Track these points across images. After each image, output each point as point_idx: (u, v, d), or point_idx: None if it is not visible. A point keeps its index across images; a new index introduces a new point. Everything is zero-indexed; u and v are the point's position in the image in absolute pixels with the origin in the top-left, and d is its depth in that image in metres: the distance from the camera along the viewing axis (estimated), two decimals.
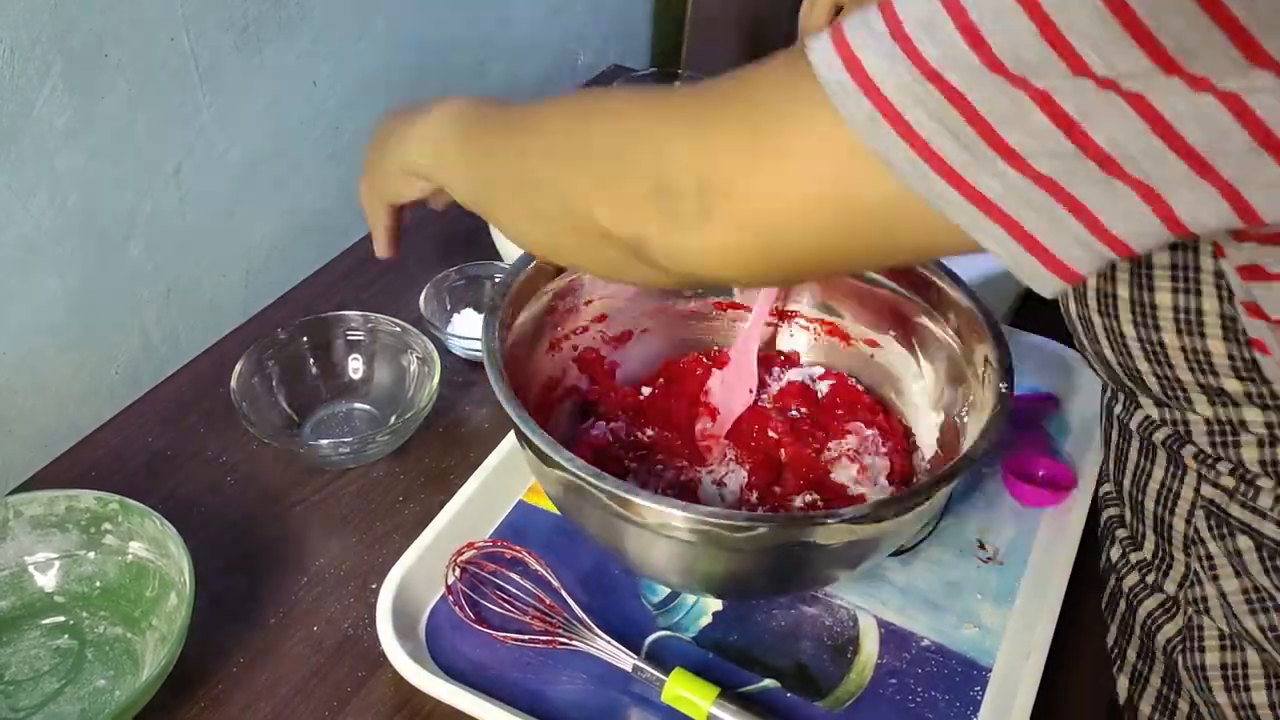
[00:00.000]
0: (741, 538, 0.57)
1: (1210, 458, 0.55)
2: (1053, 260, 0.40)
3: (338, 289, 0.99)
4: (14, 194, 0.74)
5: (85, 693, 0.65)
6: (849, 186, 0.41)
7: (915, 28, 0.37)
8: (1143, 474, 0.61)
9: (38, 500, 0.69)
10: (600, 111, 0.52)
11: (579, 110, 0.54)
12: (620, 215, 0.49)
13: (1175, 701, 0.63)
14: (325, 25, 0.95)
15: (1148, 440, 0.60)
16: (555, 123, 0.55)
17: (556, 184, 0.53)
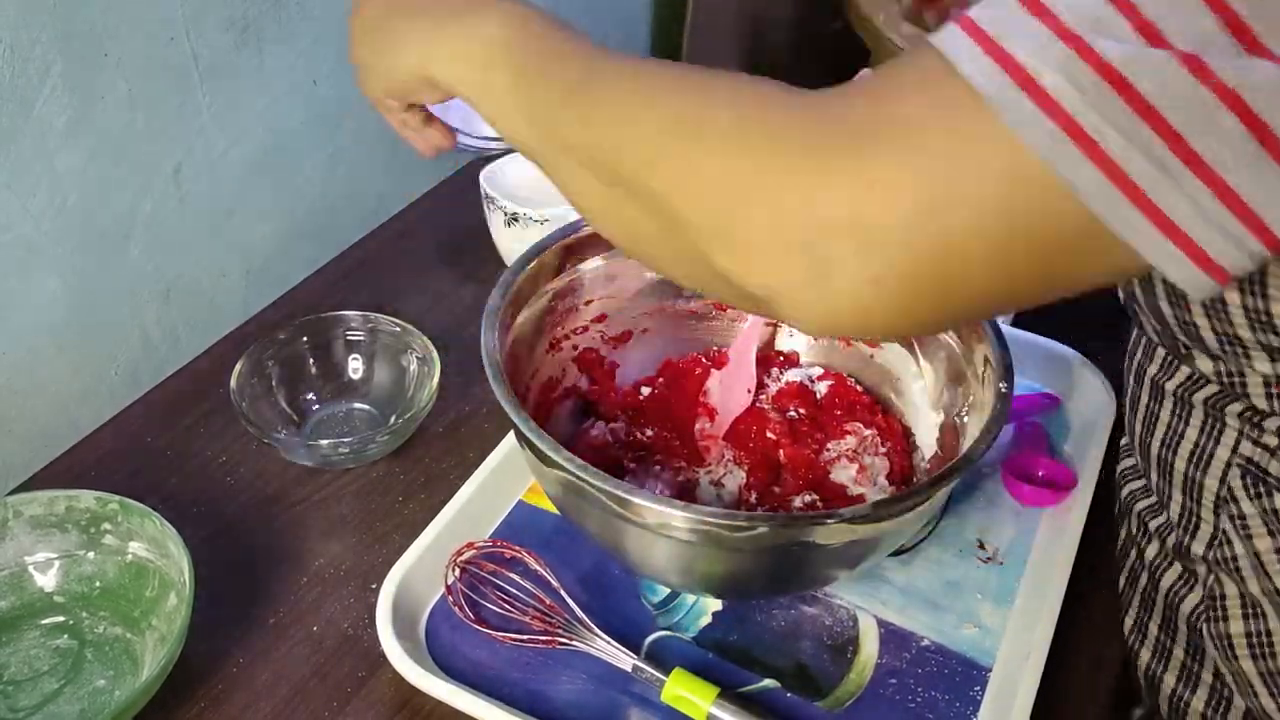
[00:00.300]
0: (741, 537, 0.57)
1: (1259, 415, 0.55)
2: (1216, 268, 0.36)
3: (338, 289, 0.99)
4: (14, 194, 0.74)
5: (85, 693, 0.65)
6: (1029, 217, 0.36)
7: (1084, 27, 0.34)
8: (1174, 435, 0.61)
9: (37, 500, 0.69)
10: (708, 128, 0.43)
11: (674, 113, 0.44)
12: (750, 268, 0.41)
13: (1199, 672, 0.64)
14: (325, 25, 0.95)
15: (1184, 401, 0.59)
16: (647, 122, 0.45)
17: (657, 204, 0.44)
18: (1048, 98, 0.34)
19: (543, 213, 0.92)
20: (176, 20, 0.81)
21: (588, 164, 0.48)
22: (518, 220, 0.93)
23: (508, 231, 0.95)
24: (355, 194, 1.08)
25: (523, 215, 0.93)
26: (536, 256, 0.72)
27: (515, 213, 0.93)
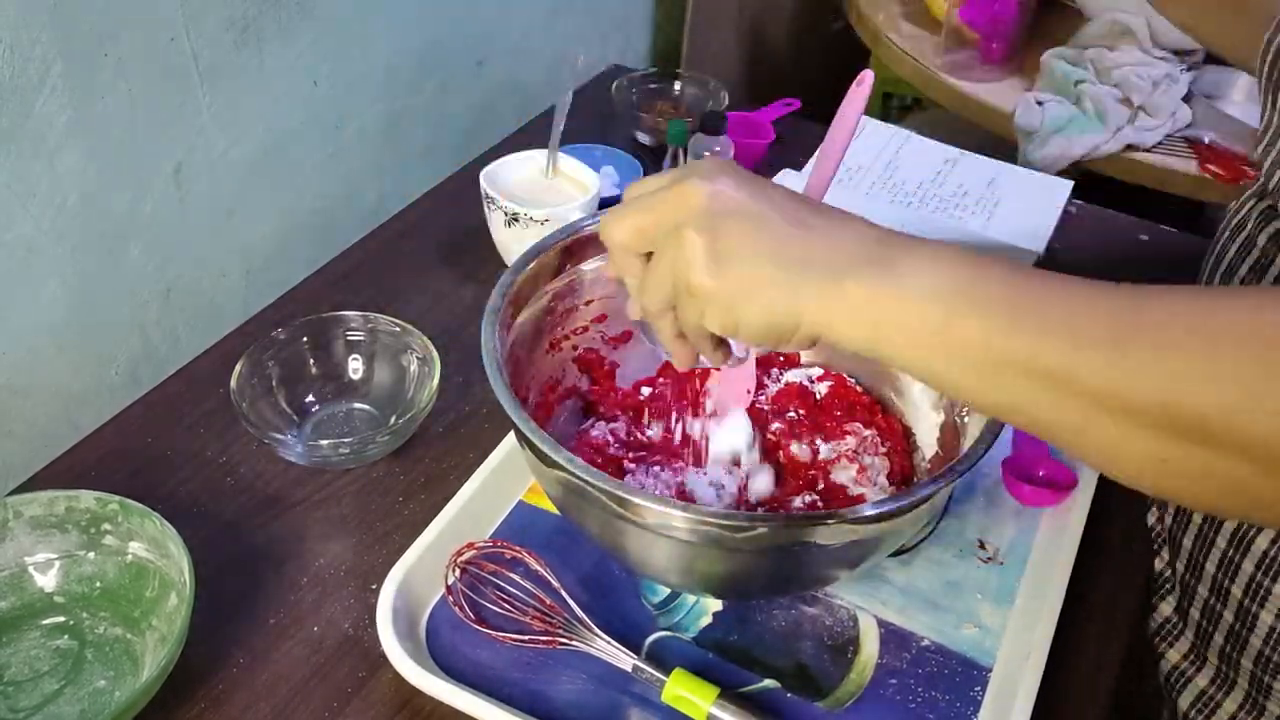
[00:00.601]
0: (741, 538, 0.57)
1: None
2: None
3: (338, 289, 0.99)
4: (14, 194, 0.74)
5: (85, 693, 0.65)
6: None
7: None
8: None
9: (38, 501, 0.69)
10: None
11: (1249, 346, 0.40)
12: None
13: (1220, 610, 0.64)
14: (325, 25, 0.95)
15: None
16: (1226, 361, 0.40)
17: (1255, 449, 0.40)
18: None
19: (543, 213, 0.92)
20: (176, 20, 0.81)
21: (1137, 418, 0.42)
22: (518, 220, 0.93)
23: (508, 231, 0.95)
24: (355, 194, 1.08)
25: (523, 215, 0.93)
26: (536, 256, 0.72)
27: (515, 213, 0.93)
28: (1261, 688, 0.66)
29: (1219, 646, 0.68)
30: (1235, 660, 0.67)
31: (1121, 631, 0.74)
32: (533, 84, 1.32)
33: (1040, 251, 1.03)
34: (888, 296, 0.45)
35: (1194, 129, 1.37)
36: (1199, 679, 0.70)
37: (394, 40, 1.05)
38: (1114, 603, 0.75)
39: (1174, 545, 0.72)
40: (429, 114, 1.15)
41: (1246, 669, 0.66)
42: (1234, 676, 0.68)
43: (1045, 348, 0.43)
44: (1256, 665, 0.66)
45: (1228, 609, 0.67)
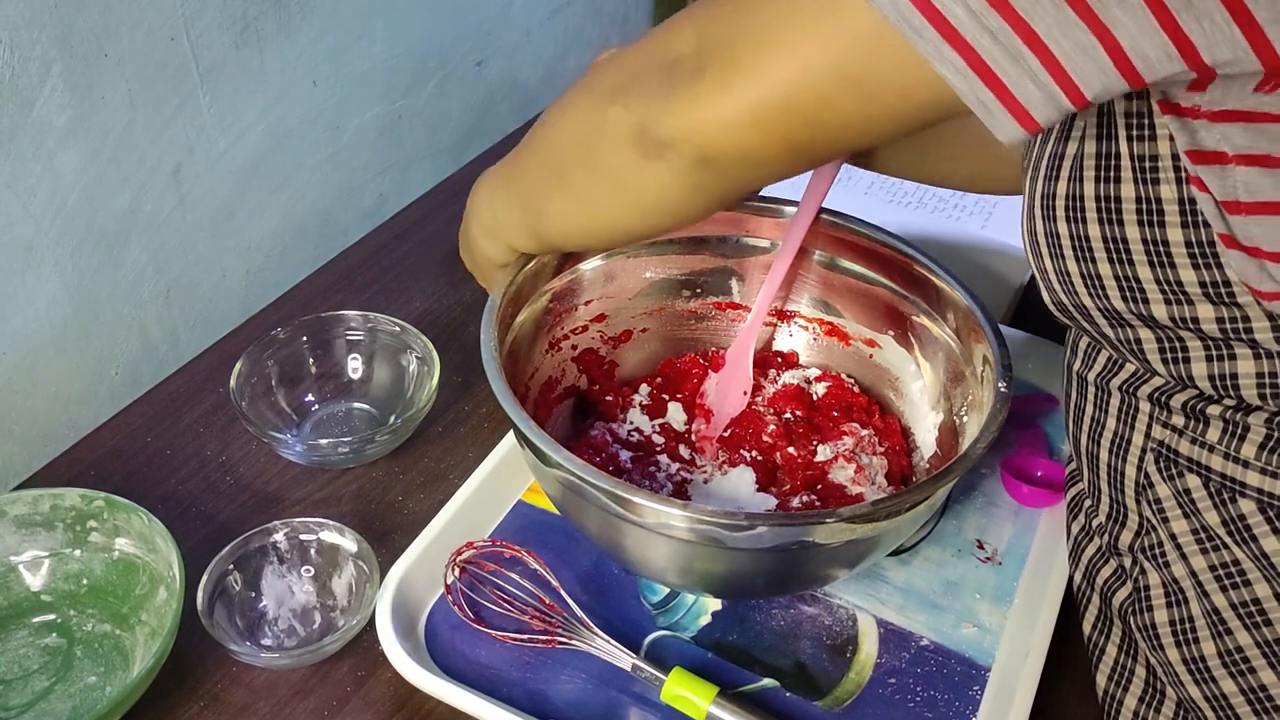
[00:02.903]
0: (741, 537, 0.57)
1: (1164, 392, 0.56)
2: (1010, 98, 0.41)
3: (337, 289, 0.99)
4: (14, 194, 0.74)
5: (75, 690, 0.66)
6: (827, 21, 0.44)
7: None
8: (1098, 426, 0.62)
9: (21, 499, 0.69)
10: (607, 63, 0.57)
11: (600, 88, 0.57)
12: (629, 101, 0.52)
13: (1132, 667, 0.64)
14: (325, 25, 0.96)
15: (1104, 389, 0.61)
16: (564, 100, 0.60)
17: (578, 133, 0.57)
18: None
19: None
20: (176, 20, 0.81)
21: (554, 174, 0.62)
22: None
23: None
24: (355, 194, 1.08)
25: None
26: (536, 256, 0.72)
27: None
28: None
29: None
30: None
31: None
32: (533, 84, 1.32)
33: None
34: (475, 204, 0.73)
35: None
36: (1099, 678, 0.70)
37: (394, 40, 1.05)
38: None
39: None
40: (429, 114, 1.15)
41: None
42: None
43: (516, 171, 0.69)
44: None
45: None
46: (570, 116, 0.59)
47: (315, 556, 0.72)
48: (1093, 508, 0.66)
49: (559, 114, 0.61)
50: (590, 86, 0.58)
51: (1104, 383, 0.61)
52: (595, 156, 0.57)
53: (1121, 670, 0.65)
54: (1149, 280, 0.50)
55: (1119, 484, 0.62)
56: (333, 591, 0.71)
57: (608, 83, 0.55)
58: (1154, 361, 0.55)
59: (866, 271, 0.77)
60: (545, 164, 0.63)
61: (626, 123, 0.53)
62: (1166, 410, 0.57)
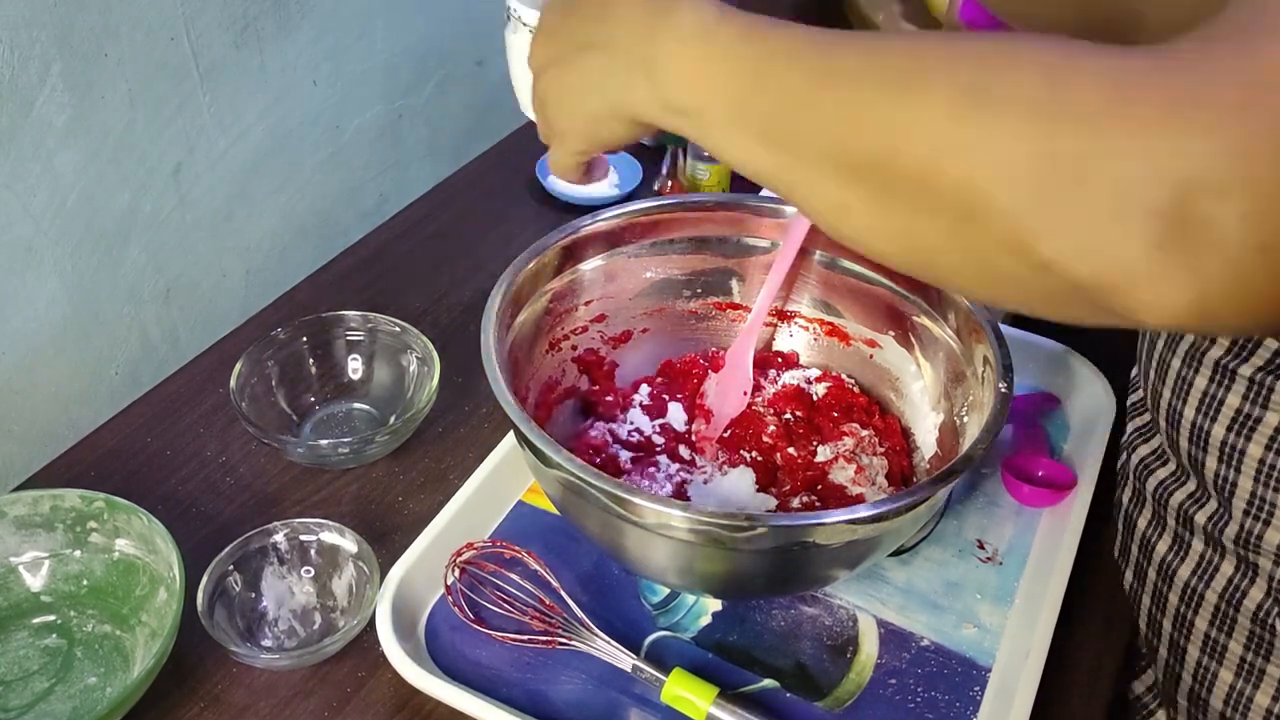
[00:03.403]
0: (741, 538, 0.57)
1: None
2: None
3: (337, 289, 0.99)
4: (14, 194, 0.74)
5: (76, 690, 0.66)
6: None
7: None
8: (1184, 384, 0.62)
9: (21, 500, 0.69)
10: (1010, 93, 0.36)
11: (963, 86, 0.37)
12: (1086, 248, 0.34)
13: (1264, 668, 0.64)
14: (325, 25, 0.96)
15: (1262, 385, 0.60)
16: (924, 106, 0.38)
17: (948, 198, 0.38)
18: None
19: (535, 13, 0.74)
20: (176, 20, 0.81)
21: (845, 171, 0.41)
22: (509, 20, 0.76)
23: (515, 38, 0.78)
24: (355, 194, 1.09)
25: (514, 14, 0.74)
26: (536, 256, 0.72)
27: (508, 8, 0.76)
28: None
29: (1184, 709, 0.68)
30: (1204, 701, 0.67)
31: (1121, 631, 0.74)
32: None
33: None
34: (672, 54, 0.46)
35: None
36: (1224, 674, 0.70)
37: (394, 40, 1.05)
38: (1113, 602, 0.75)
39: (1137, 605, 0.72)
40: (429, 114, 1.15)
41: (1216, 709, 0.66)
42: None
43: (764, 111, 0.43)
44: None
45: (1185, 670, 0.67)
46: (947, 166, 0.37)
47: (315, 557, 0.72)
48: (1197, 495, 0.66)
49: (916, 128, 0.38)
50: (992, 159, 0.36)
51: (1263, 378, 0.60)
52: (966, 238, 0.38)
53: (1250, 670, 0.65)
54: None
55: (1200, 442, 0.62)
56: (333, 592, 0.71)
57: (1032, 179, 0.35)
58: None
59: (867, 271, 0.77)
60: (859, 156, 0.41)
61: (1071, 272, 0.35)
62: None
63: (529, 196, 1.12)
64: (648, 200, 0.78)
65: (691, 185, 1.07)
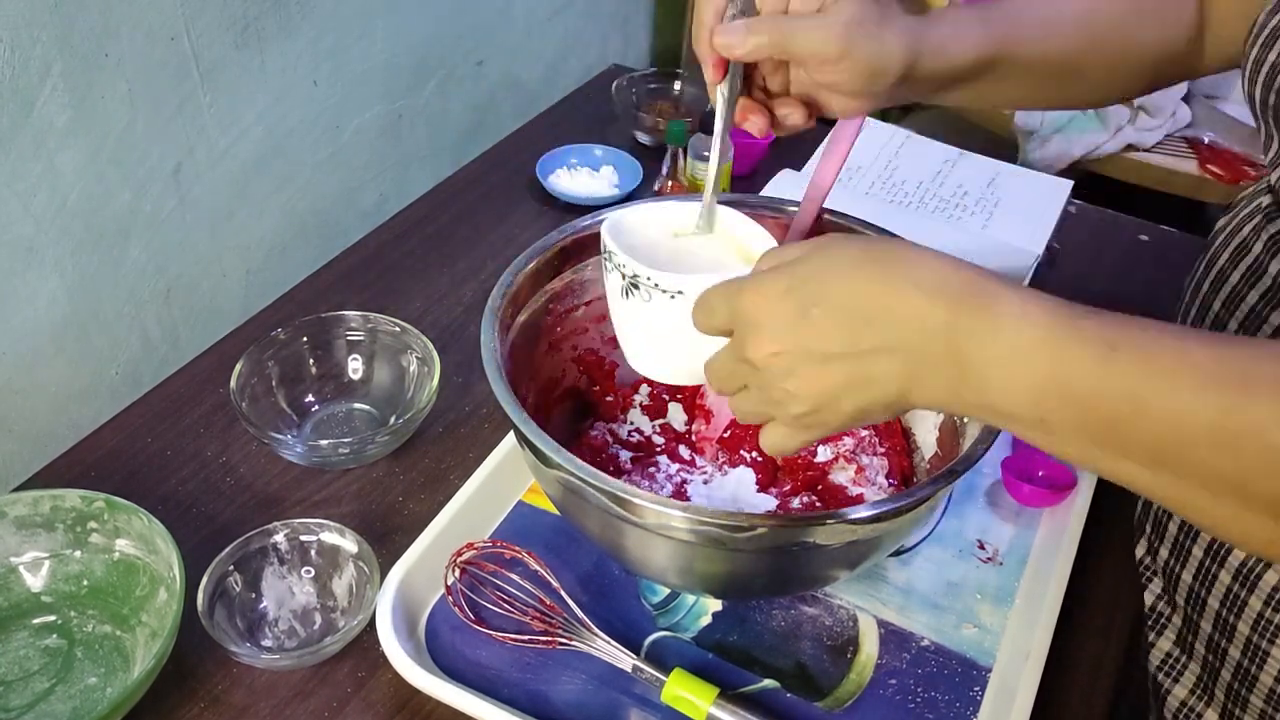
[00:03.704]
0: (741, 538, 0.57)
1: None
2: None
3: (337, 289, 0.99)
4: (14, 194, 0.74)
5: (76, 691, 0.66)
6: None
7: None
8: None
9: (22, 501, 0.69)
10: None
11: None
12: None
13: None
14: (325, 25, 0.96)
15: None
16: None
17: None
18: None
19: (676, 281, 0.57)
20: (176, 20, 0.81)
21: (1240, 496, 0.42)
22: (637, 288, 0.59)
23: (623, 304, 0.60)
24: (355, 194, 1.08)
25: (645, 282, 0.58)
26: (537, 256, 0.72)
27: (636, 277, 0.58)
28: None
29: (1226, 683, 0.67)
30: (1244, 698, 0.66)
31: (1121, 632, 0.74)
32: (533, 84, 1.32)
33: (1040, 251, 1.03)
34: (965, 362, 0.45)
35: (1194, 129, 1.37)
36: (1209, 714, 0.70)
37: (394, 40, 1.05)
38: (1113, 603, 0.75)
39: (1170, 579, 0.72)
40: (429, 114, 1.15)
41: (1256, 707, 0.65)
42: (1241, 715, 0.67)
43: (1108, 434, 0.43)
44: (1268, 703, 0.65)
45: (1234, 645, 0.66)
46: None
47: (315, 557, 0.72)
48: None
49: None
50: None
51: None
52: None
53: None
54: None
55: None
56: (333, 592, 0.71)
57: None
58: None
59: None
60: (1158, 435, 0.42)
61: None
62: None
63: (529, 196, 1.12)
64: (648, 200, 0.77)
65: (691, 185, 1.07)
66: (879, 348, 0.46)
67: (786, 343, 0.48)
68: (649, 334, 0.60)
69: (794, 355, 0.48)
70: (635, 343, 0.62)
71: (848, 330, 0.47)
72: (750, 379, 0.50)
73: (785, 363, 0.48)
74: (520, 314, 0.72)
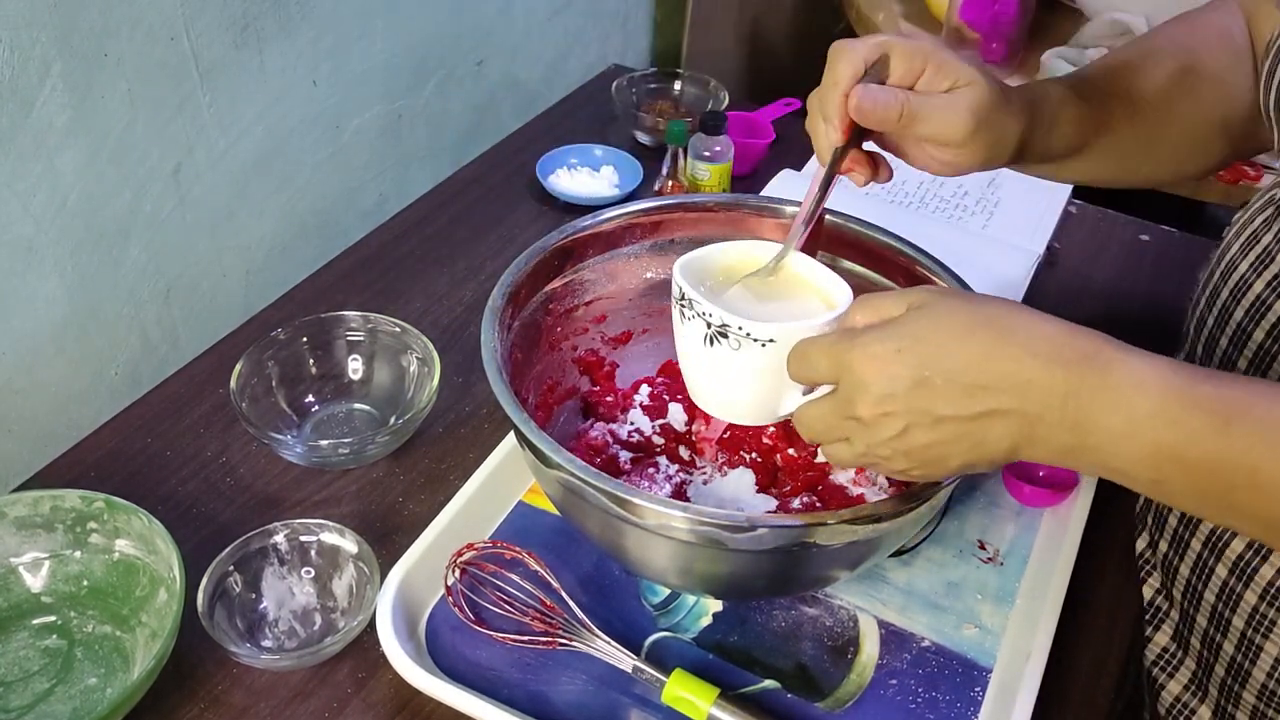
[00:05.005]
0: (741, 539, 0.57)
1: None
2: None
3: (337, 289, 0.99)
4: (14, 194, 0.74)
5: (76, 691, 0.66)
6: None
7: None
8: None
9: (22, 501, 0.69)
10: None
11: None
12: None
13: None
14: (325, 25, 0.95)
15: None
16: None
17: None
18: None
19: (769, 330, 0.56)
20: (176, 20, 0.81)
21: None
22: (725, 336, 0.57)
23: (707, 352, 0.59)
24: (355, 194, 1.08)
25: (734, 331, 0.56)
26: (537, 256, 0.72)
27: (725, 326, 0.57)
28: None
29: (1220, 678, 0.68)
30: (1236, 694, 0.66)
31: (1122, 632, 0.74)
32: (532, 84, 1.32)
33: (1040, 251, 1.03)
34: (1078, 424, 0.47)
35: None
36: (1203, 710, 0.70)
37: (394, 40, 1.05)
38: (1115, 603, 0.75)
39: (1168, 572, 0.72)
40: (429, 114, 1.15)
41: (1249, 703, 0.65)
42: (1233, 711, 0.67)
43: (1206, 488, 0.46)
44: (1260, 699, 0.65)
45: (1228, 640, 0.66)
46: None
47: (315, 558, 0.72)
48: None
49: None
50: None
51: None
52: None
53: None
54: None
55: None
56: (333, 593, 0.71)
57: None
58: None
59: (868, 272, 0.76)
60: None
61: None
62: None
63: (529, 196, 1.12)
64: (648, 200, 0.77)
65: (691, 185, 1.07)
66: (994, 411, 0.48)
67: (899, 404, 0.49)
68: (730, 380, 0.60)
69: (906, 415, 0.49)
70: (713, 388, 0.62)
71: (964, 395, 0.48)
72: (854, 433, 0.52)
73: (898, 423, 0.49)
74: (520, 314, 0.72)
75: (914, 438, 0.50)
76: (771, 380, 0.56)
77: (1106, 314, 1.00)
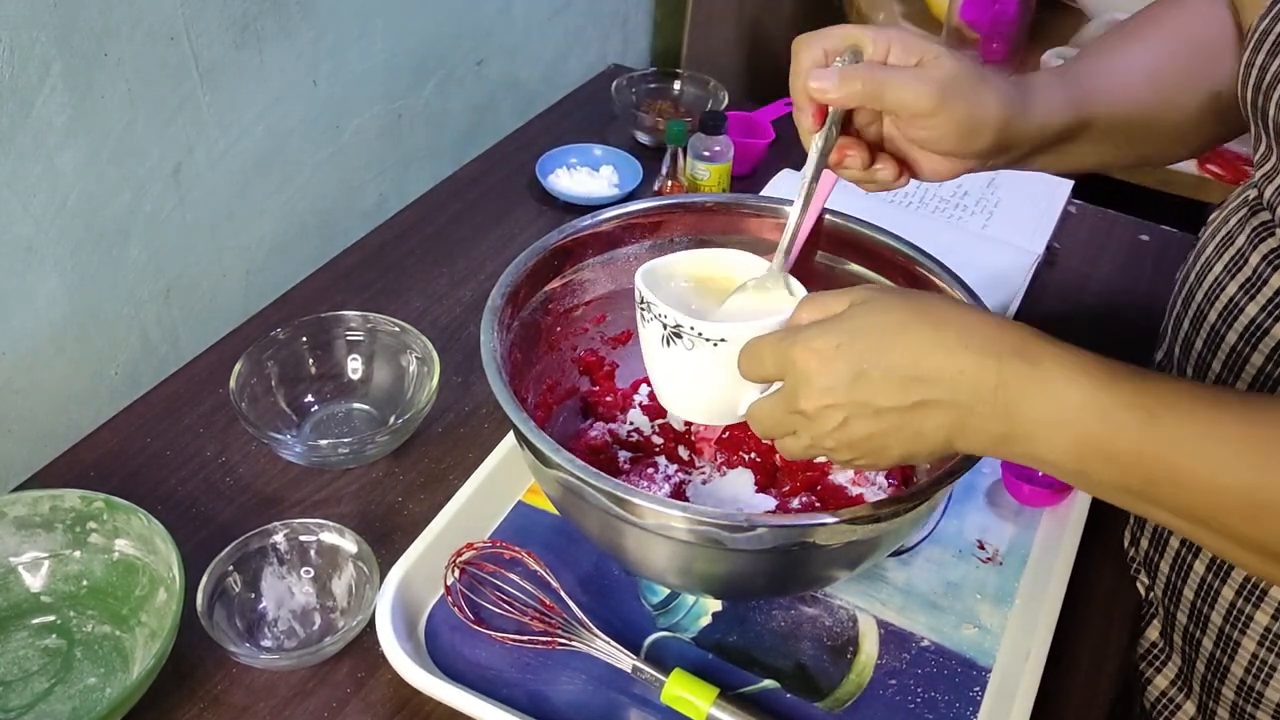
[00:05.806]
0: (741, 538, 0.57)
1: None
2: None
3: (337, 289, 0.99)
4: (14, 194, 0.74)
5: (75, 691, 0.66)
6: None
7: None
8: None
9: (21, 501, 0.69)
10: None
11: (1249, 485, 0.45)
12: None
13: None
14: (325, 25, 0.96)
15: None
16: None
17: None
18: None
19: (719, 330, 0.58)
20: (176, 20, 0.81)
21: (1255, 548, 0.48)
22: (679, 338, 0.59)
23: (664, 353, 0.61)
24: (355, 194, 1.08)
25: (688, 332, 0.59)
26: (536, 256, 0.72)
27: (678, 327, 0.59)
28: (1243, 718, 0.65)
29: (1201, 674, 0.68)
30: (1216, 690, 0.66)
31: (1121, 632, 0.74)
32: (532, 84, 1.32)
33: (1040, 251, 1.03)
34: (1007, 413, 0.49)
35: None
36: (1188, 706, 0.70)
37: (394, 40, 1.05)
38: (1114, 603, 0.75)
39: (1151, 570, 0.72)
40: (429, 114, 1.15)
41: (1228, 699, 0.66)
42: (1214, 707, 0.67)
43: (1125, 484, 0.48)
44: (1238, 695, 0.65)
45: (1207, 636, 0.66)
46: None
47: (315, 557, 0.72)
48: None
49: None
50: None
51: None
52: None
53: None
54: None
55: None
56: (332, 592, 0.71)
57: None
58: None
59: (868, 272, 0.76)
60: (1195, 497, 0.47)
61: None
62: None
63: (529, 196, 1.12)
64: (648, 200, 0.77)
65: (691, 185, 1.07)
66: (929, 401, 0.50)
67: (840, 397, 0.51)
68: (687, 380, 0.61)
69: (847, 408, 0.51)
70: (673, 388, 0.63)
71: (900, 387, 0.50)
72: (800, 426, 0.53)
73: (838, 414, 0.51)
74: (520, 314, 0.72)
75: (855, 429, 0.51)
76: (726, 379, 0.58)
77: (1106, 314, 1.00)
